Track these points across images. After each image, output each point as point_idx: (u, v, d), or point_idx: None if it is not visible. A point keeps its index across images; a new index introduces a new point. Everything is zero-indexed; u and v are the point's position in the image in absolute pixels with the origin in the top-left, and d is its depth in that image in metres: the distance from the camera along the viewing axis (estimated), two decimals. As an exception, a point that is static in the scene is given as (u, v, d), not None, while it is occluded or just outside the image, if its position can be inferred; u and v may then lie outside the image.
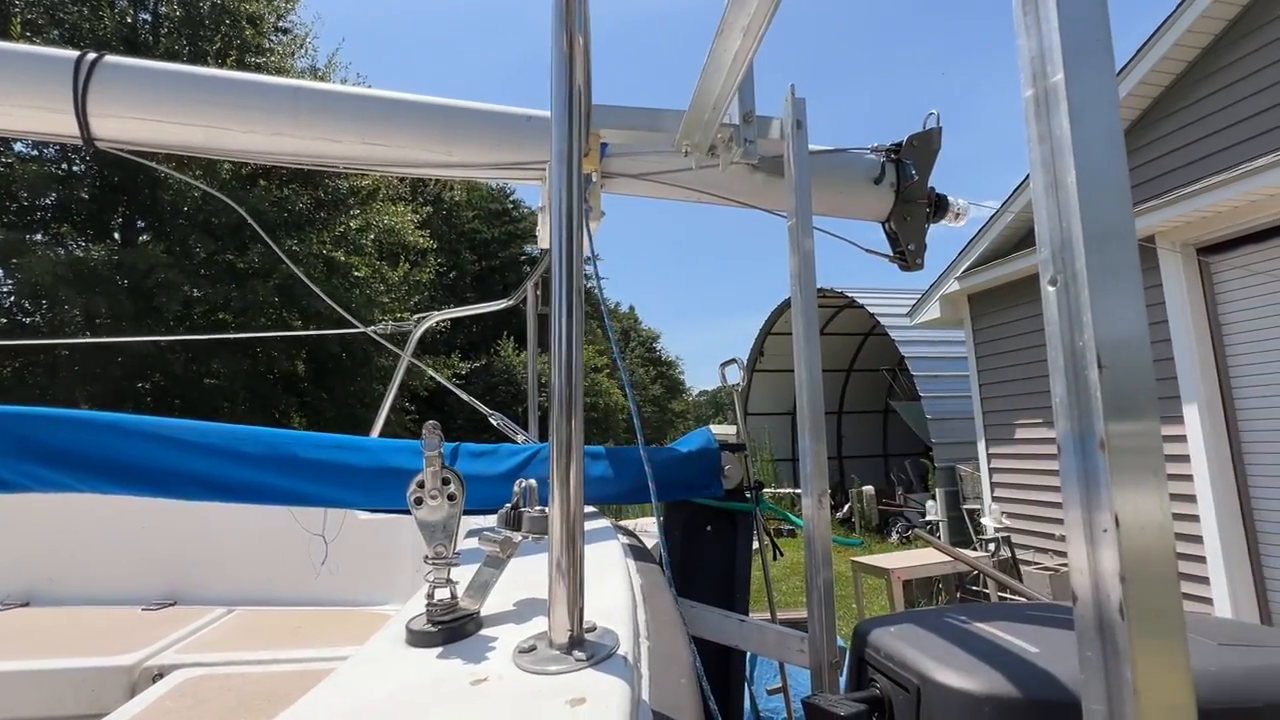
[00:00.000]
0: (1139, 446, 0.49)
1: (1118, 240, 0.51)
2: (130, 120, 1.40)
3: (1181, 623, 0.46)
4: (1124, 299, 0.50)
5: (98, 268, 10.83)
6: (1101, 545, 0.49)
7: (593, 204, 1.37)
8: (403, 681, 0.55)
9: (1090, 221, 0.52)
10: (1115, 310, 0.50)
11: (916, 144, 1.61)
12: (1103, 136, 0.53)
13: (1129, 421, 0.49)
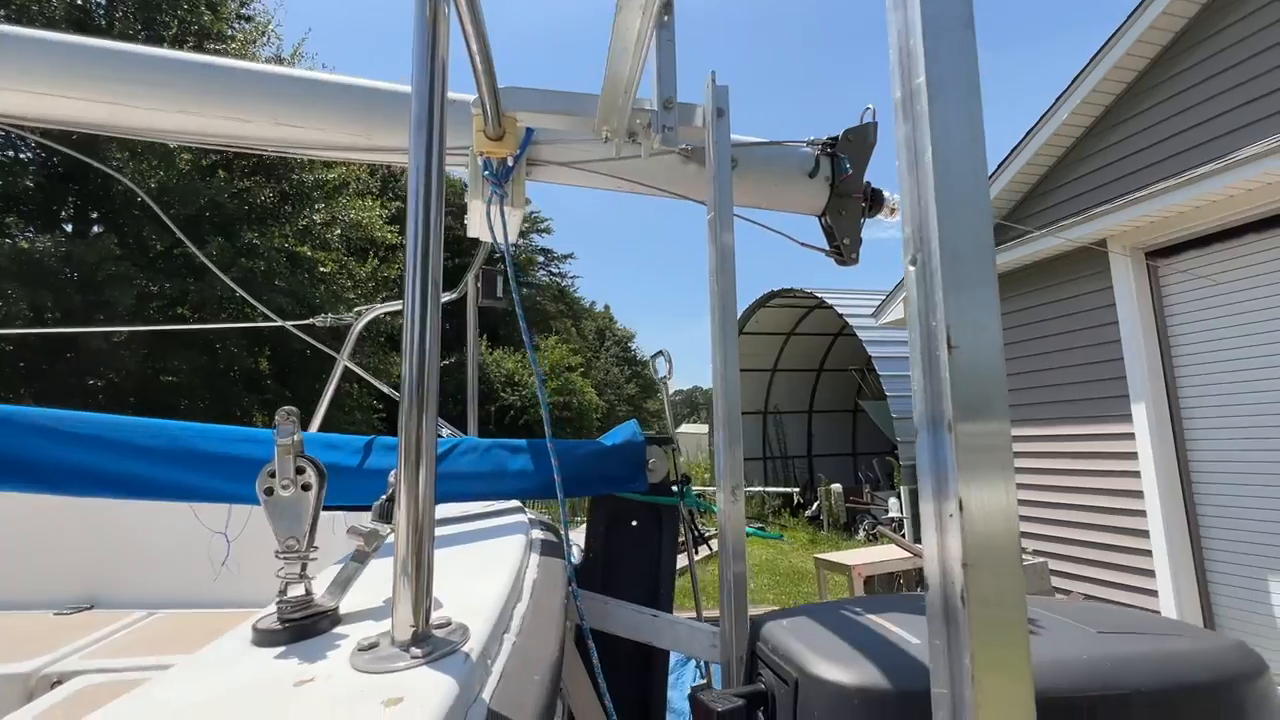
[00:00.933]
0: (985, 431, 0.47)
1: (973, 219, 0.50)
2: (25, 94, 1.32)
3: (1022, 611, 0.45)
4: (977, 281, 0.49)
5: (44, 260, 10.38)
6: (948, 531, 0.47)
7: (514, 191, 1.33)
8: (226, 683, 0.52)
9: (945, 203, 0.50)
10: (967, 291, 0.49)
11: (852, 138, 1.60)
12: (963, 118, 0.52)
13: (977, 405, 0.48)
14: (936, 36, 0.51)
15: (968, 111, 0.51)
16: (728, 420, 1.04)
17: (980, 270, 0.49)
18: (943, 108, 0.51)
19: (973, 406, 0.48)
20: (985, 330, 0.48)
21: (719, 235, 1.11)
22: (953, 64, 0.52)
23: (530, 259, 43.83)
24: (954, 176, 0.51)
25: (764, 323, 19.50)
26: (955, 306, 0.48)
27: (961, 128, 0.51)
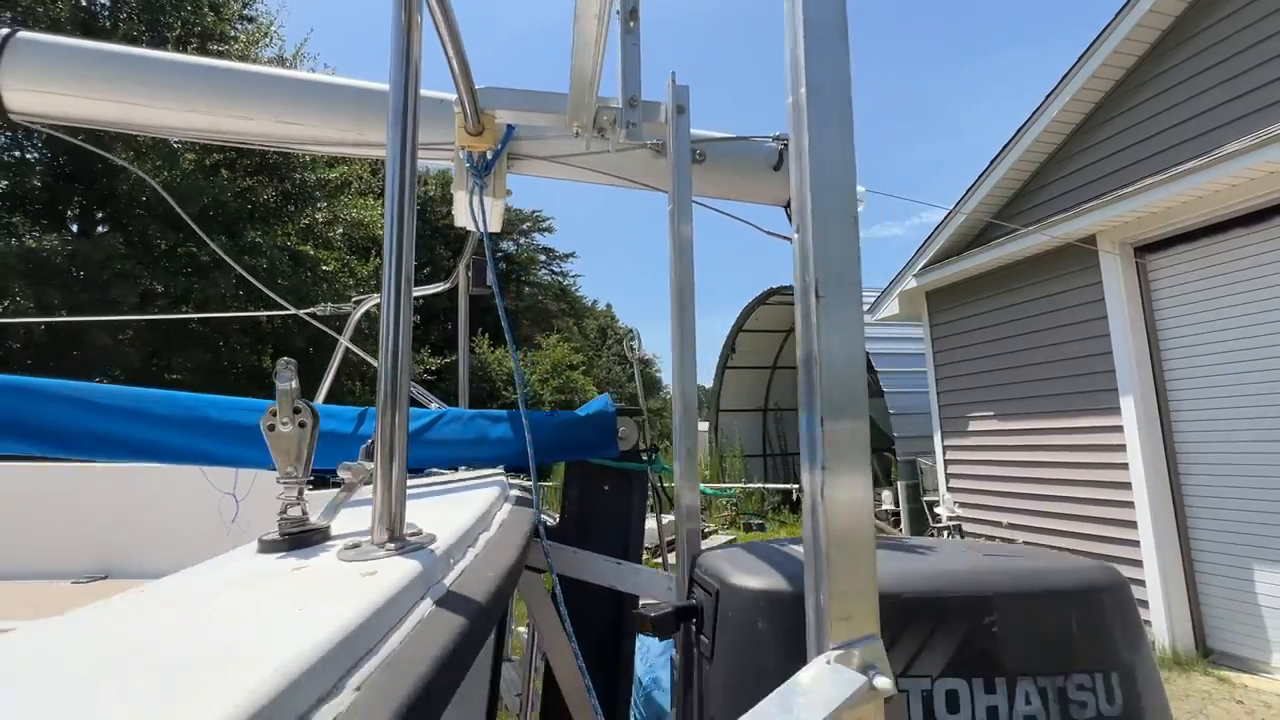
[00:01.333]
0: (847, 418, 0.59)
1: (838, 194, 0.61)
2: (43, 94, 1.44)
3: (868, 544, 0.56)
4: (842, 241, 0.61)
5: (51, 259, 10.55)
6: (818, 495, 0.59)
7: (495, 182, 1.45)
8: (233, 572, 0.63)
9: (818, 181, 0.61)
10: (833, 250, 0.60)
11: (814, 133, 1.71)
12: (835, 109, 0.63)
13: (839, 401, 0.59)
14: (816, 45, 0.63)
15: (839, 105, 0.62)
16: (683, 392, 1.16)
17: (844, 232, 0.60)
18: (819, 104, 0.62)
19: (837, 393, 0.59)
20: (847, 275, 0.60)
21: (678, 226, 1.22)
22: (829, 71, 0.63)
23: (532, 258, 43.81)
24: (827, 162, 0.62)
25: (763, 320, 19.56)
26: (823, 264, 0.60)
27: (834, 117, 0.63)
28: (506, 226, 40.16)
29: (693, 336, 1.23)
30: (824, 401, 0.58)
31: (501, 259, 40.35)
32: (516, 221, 40.89)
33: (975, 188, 8.01)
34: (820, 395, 0.58)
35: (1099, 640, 0.74)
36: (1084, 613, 0.75)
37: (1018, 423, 7.79)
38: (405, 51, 0.75)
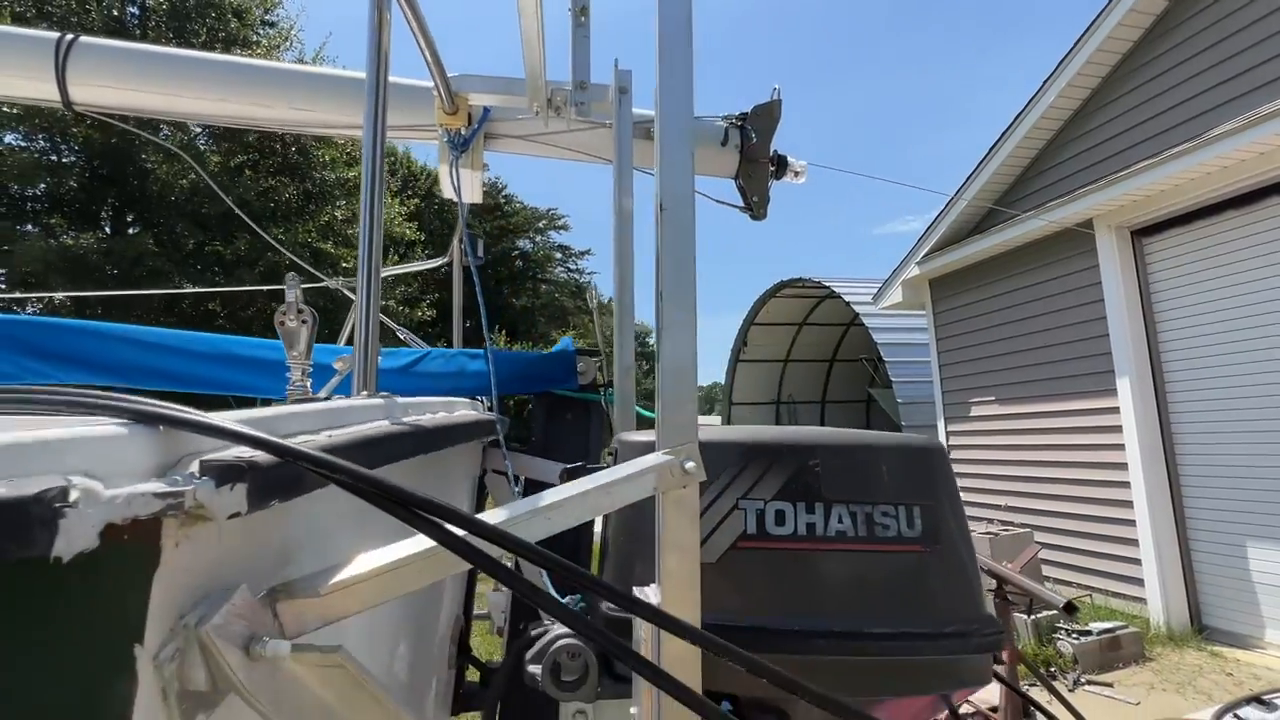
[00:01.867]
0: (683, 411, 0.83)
1: (680, 180, 0.85)
2: (100, 88, 1.73)
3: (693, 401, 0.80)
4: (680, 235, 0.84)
5: (87, 256, 11.10)
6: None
7: (472, 156, 1.70)
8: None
9: (666, 173, 0.85)
10: (672, 257, 0.83)
11: (759, 113, 1.94)
12: (679, 113, 0.86)
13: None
14: (669, 35, 0.86)
15: (683, 109, 0.86)
16: (622, 355, 1.40)
17: (684, 224, 0.83)
18: (666, 105, 0.85)
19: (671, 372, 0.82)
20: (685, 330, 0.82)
21: (620, 198, 1.46)
22: (677, 74, 0.86)
23: (549, 256, 44.03)
24: (671, 156, 0.85)
25: (775, 313, 19.62)
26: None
27: (677, 119, 0.86)
28: (523, 224, 40.45)
29: (631, 302, 1.47)
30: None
31: (518, 256, 40.76)
32: (533, 219, 41.21)
33: (975, 174, 8.11)
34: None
35: (906, 483, 0.97)
36: (894, 462, 0.97)
37: (1017, 406, 7.89)
38: (378, 45, 1.00)
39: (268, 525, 0.56)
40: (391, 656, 0.89)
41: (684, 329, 0.80)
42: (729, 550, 0.90)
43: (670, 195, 0.83)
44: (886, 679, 0.90)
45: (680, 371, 0.80)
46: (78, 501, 0.38)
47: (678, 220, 0.83)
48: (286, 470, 0.50)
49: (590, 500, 0.70)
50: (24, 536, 0.36)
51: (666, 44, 0.85)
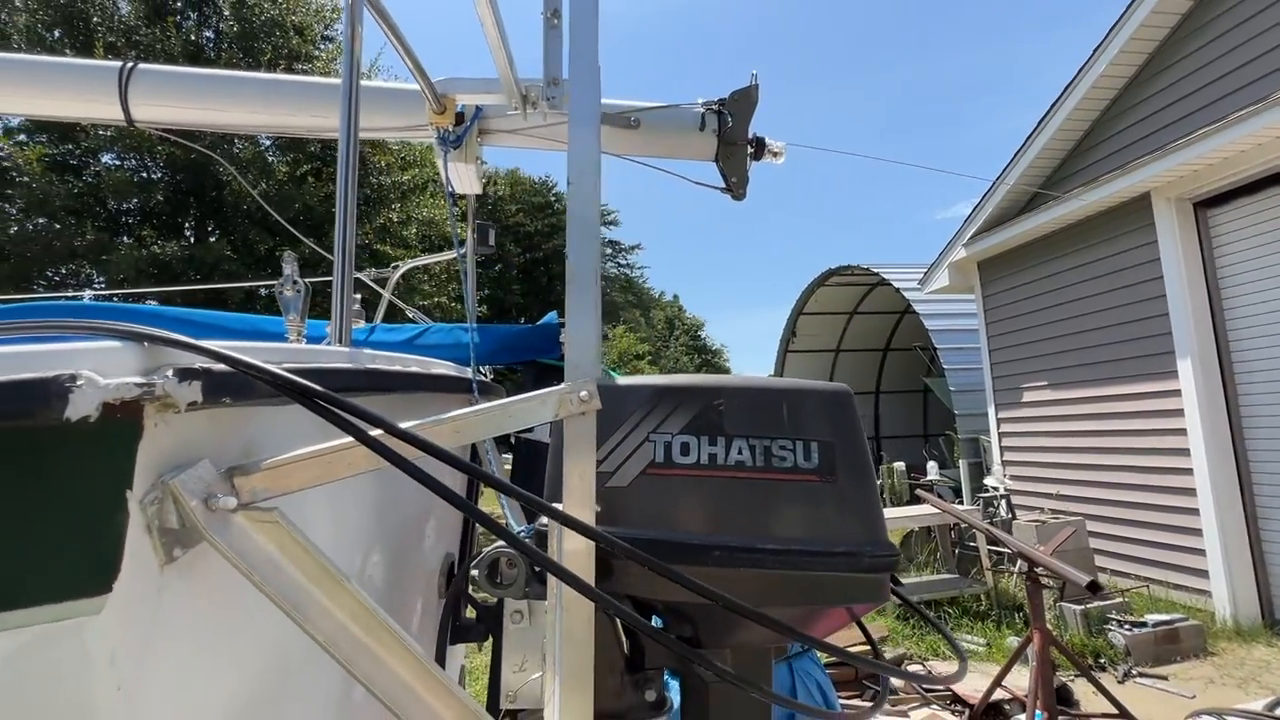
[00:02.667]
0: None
1: (585, 156, 1.00)
2: (157, 107, 2.03)
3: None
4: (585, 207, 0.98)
5: (172, 263, 12.15)
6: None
7: (466, 150, 1.89)
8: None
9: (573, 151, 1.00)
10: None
11: (738, 98, 2.05)
12: (586, 101, 1.01)
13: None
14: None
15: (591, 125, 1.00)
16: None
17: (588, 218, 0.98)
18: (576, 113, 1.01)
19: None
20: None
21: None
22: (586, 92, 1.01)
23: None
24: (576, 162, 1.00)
25: (823, 302, 19.27)
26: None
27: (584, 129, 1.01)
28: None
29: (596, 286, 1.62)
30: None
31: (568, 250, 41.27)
32: (582, 216, 41.72)
33: (1023, 151, 7.81)
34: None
35: (805, 422, 1.08)
36: (794, 404, 1.09)
37: (1071, 391, 7.57)
38: (350, 53, 1.19)
39: (232, 424, 0.75)
40: (364, 564, 1.08)
41: (586, 289, 0.96)
42: (639, 476, 1.04)
43: (576, 170, 0.98)
44: (778, 589, 1.02)
45: (583, 324, 0.96)
46: (82, 384, 0.57)
47: (581, 193, 0.98)
48: (235, 378, 0.68)
49: (494, 418, 0.87)
50: (45, 403, 0.55)
51: (576, 38, 1.00)
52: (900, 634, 5.88)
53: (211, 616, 0.73)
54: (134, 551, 0.63)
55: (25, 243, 11.93)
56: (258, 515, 0.70)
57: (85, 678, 0.60)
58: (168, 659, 0.68)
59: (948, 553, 7.27)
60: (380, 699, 0.75)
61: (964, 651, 1.30)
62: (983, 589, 6.44)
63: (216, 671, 0.76)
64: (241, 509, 0.69)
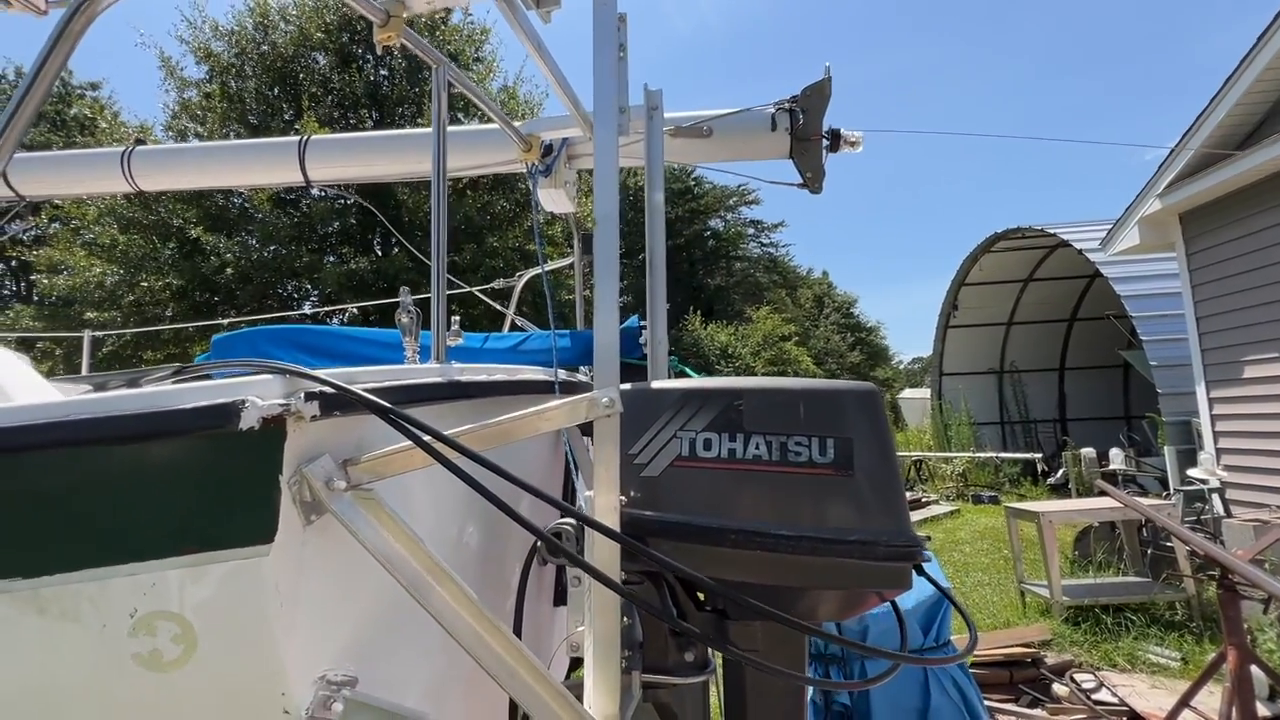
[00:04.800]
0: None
1: (606, 200, 1.16)
2: (328, 169, 2.59)
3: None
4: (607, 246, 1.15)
5: (365, 276, 14.32)
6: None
7: (555, 176, 2.15)
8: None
9: (599, 194, 1.17)
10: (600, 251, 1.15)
11: (809, 93, 2.07)
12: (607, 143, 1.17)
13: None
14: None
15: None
16: (656, 342, 1.73)
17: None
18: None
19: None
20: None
21: (650, 194, 1.79)
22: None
23: (740, 233, 43.70)
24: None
25: (990, 270, 17.36)
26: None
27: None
28: (713, 204, 40.84)
29: (664, 288, 1.79)
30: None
31: (710, 236, 41.31)
32: (723, 198, 41.36)
33: (1238, 74, 6.46)
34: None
35: (822, 420, 1.15)
36: (812, 403, 1.17)
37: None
38: (438, 117, 1.49)
39: (344, 430, 1.04)
40: (460, 535, 1.36)
41: (608, 313, 1.14)
42: (668, 467, 1.20)
43: (602, 214, 1.16)
44: (792, 571, 1.13)
45: (606, 341, 1.14)
46: (248, 406, 0.88)
47: (606, 234, 1.16)
48: (340, 398, 0.97)
49: (531, 421, 1.08)
50: (230, 419, 0.87)
51: (600, 86, 1.18)
52: (1068, 639, 5.33)
53: (338, 566, 1.04)
54: (285, 516, 0.94)
55: (263, 267, 14.79)
56: (361, 494, 0.99)
57: (261, 595, 0.92)
58: (310, 592, 0.99)
59: (1136, 553, 6.38)
60: (466, 649, 1.01)
61: (974, 625, 1.30)
62: (1179, 596, 5.59)
63: (344, 605, 1.07)
64: (350, 489, 0.98)
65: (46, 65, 1.10)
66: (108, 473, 0.90)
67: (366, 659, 1.08)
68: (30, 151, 2.85)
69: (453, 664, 1.26)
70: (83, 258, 14.14)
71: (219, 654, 0.92)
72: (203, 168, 2.66)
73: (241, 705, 0.96)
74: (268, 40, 15.72)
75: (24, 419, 0.87)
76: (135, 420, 0.87)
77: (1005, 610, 6.23)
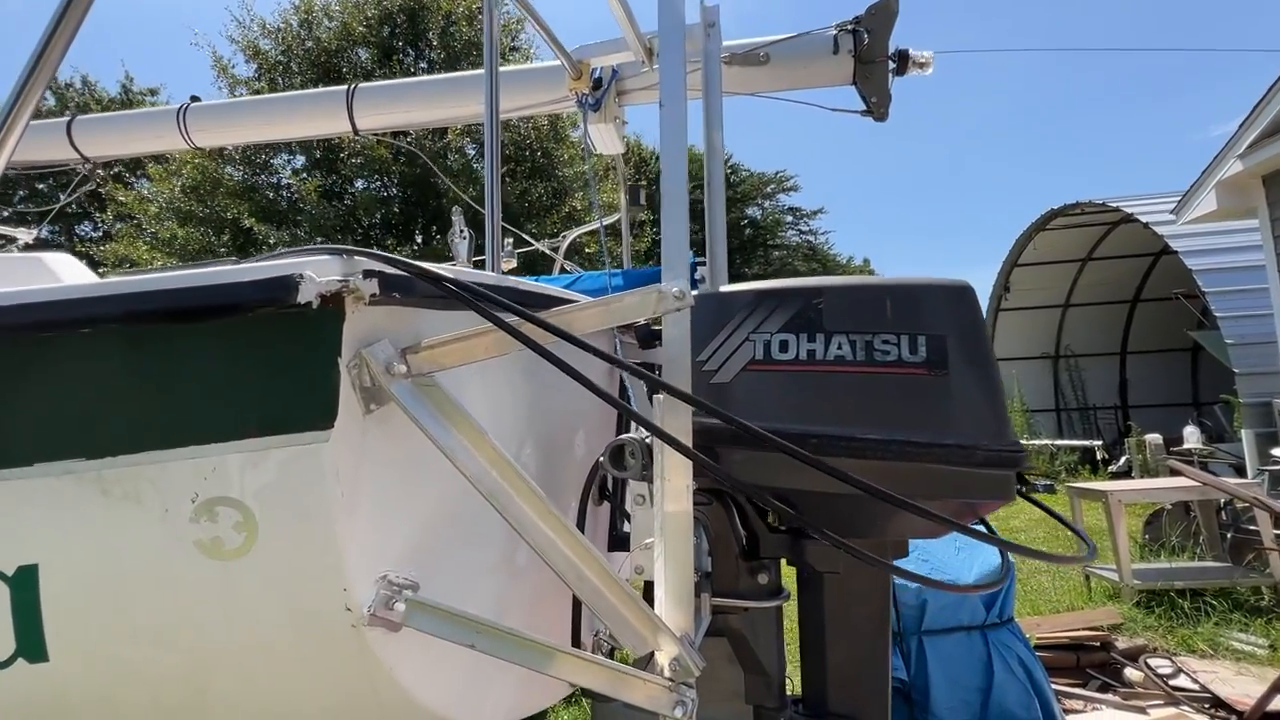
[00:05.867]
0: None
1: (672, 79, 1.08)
2: (376, 116, 2.60)
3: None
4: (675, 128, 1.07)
5: (409, 265, 14.72)
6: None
7: (605, 109, 2.07)
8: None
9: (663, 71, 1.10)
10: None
11: (874, 12, 1.93)
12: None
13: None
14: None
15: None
16: (713, 250, 1.63)
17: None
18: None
19: None
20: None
21: (709, 132, 1.70)
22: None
23: (778, 220, 42.98)
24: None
25: (1045, 250, 16.59)
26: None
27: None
28: (750, 192, 40.33)
29: (723, 227, 1.70)
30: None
31: (746, 225, 40.84)
32: (760, 185, 40.74)
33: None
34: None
35: (912, 317, 1.05)
36: (900, 298, 1.06)
37: None
38: (490, 40, 1.43)
39: (404, 319, 0.99)
40: (518, 454, 1.31)
41: (677, 204, 1.06)
42: (740, 373, 1.12)
43: (667, 93, 1.08)
44: (879, 477, 1.03)
45: (676, 231, 1.06)
46: (306, 279, 0.84)
47: (672, 115, 1.07)
48: (401, 279, 0.92)
49: (599, 313, 1.01)
50: (286, 291, 0.82)
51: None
52: (1140, 623, 5.04)
53: (400, 461, 0.99)
54: (345, 401, 0.89)
55: (311, 258, 15.34)
56: (422, 381, 0.94)
57: (320, 481, 0.88)
58: (372, 485, 0.95)
59: (1214, 536, 5.98)
60: (528, 542, 0.95)
61: (1089, 538, 1.18)
62: (1266, 581, 5.22)
63: (406, 504, 1.03)
64: (410, 377, 0.93)
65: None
66: (165, 351, 0.87)
67: (428, 566, 1.04)
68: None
69: (515, 582, 1.21)
70: (145, 251, 14.84)
71: (280, 545, 0.89)
72: (255, 120, 2.69)
73: (303, 600, 0.92)
74: (312, 36, 16.14)
75: (80, 294, 0.85)
76: (193, 293, 0.84)
77: (1068, 595, 5.93)
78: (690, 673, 0.95)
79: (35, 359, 0.86)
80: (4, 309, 0.82)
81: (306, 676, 0.96)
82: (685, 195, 1.06)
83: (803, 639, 1.22)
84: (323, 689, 0.97)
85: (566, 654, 0.97)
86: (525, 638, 0.97)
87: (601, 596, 0.95)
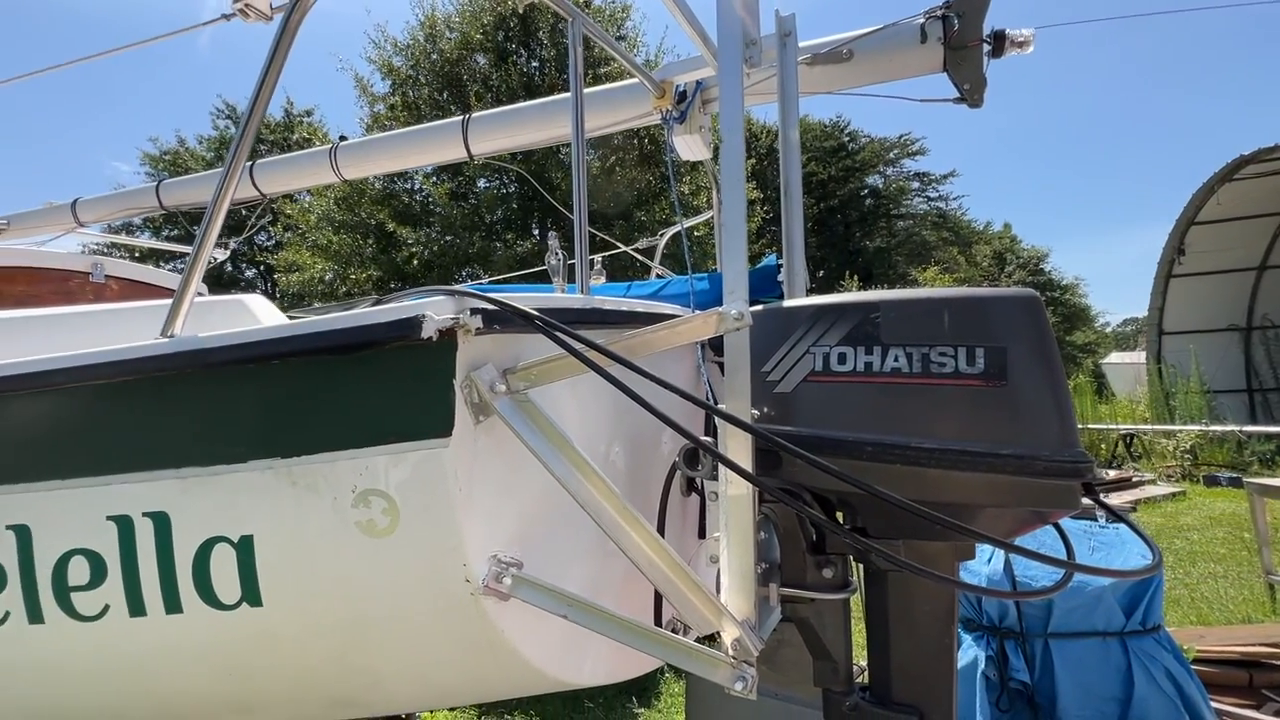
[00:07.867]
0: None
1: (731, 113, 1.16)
2: (486, 142, 2.89)
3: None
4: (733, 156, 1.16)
5: (527, 258, 15.58)
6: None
7: (690, 122, 2.17)
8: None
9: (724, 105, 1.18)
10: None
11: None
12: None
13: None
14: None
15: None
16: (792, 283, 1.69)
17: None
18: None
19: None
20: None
21: (785, 131, 1.75)
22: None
23: (903, 188, 40.17)
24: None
25: (1231, 204, 14.25)
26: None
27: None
28: (871, 159, 38.02)
29: (800, 226, 1.75)
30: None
31: (867, 195, 38.54)
32: (882, 152, 38.31)
33: None
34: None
35: (971, 329, 1.07)
36: (957, 312, 1.08)
37: None
38: (575, 68, 1.58)
39: (505, 345, 1.20)
40: (606, 454, 1.48)
41: (736, 230, 1.16)
42: (801, 383, 1.20)
43: (726, 126, 1.18)
44: (937, 485, 1.08)
45: (735, 258, 1.17)
46: (428, 318, 1.06)
47: (730, 148, 1.17)
48: (500, 314, 1.12)
49: (665, 335, 1.14)
50: (414, 329, 1.05)
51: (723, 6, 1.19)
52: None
53: (504, 463, 1.21)
54: (460, 414, 1.12)
55: (442, 255, 16.76)
56: (520, 398, 1.14)
57: (444, 480, 1.11)
58: (483, 482, 1.16)
59: None
60: (607, 534, 1.13)
61: (1157, 546, 1.13)
62: None
63: (510, 498, 1.24)
64: (509, 394, 1.13)
65: (274, 61, 1.37)
66: (331, 376, 1.13)
67: (530, 549, 1.24)
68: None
69: (606, 567, 1.39)
70: (307, 257, 17.01)
71: (415, 527, 1.13)
72: (388, 153, 3.21)
73: (435, 571, 1.16)
74: (436, 49, 17.47)
75: (271, 335, 1.13)
76: (346, 332, 1.09)
77: (1245, 605, 5.25)
78: (749, 653, 1.07)
79: (247, 382, 1.17)
80: (224, 348, 1.14)
81: (436, 633, 1.22)
82: (744, 225, 1.16)
83: (869, 632, 1.29)
84: (449, 644, 1.24)
85: (643, 629, 1.14)
86: (610, 613, 1.15)
87: (670, 583, 1.10)
